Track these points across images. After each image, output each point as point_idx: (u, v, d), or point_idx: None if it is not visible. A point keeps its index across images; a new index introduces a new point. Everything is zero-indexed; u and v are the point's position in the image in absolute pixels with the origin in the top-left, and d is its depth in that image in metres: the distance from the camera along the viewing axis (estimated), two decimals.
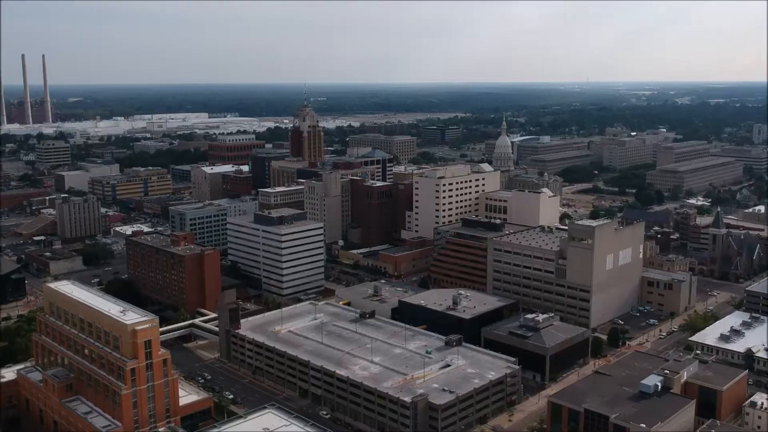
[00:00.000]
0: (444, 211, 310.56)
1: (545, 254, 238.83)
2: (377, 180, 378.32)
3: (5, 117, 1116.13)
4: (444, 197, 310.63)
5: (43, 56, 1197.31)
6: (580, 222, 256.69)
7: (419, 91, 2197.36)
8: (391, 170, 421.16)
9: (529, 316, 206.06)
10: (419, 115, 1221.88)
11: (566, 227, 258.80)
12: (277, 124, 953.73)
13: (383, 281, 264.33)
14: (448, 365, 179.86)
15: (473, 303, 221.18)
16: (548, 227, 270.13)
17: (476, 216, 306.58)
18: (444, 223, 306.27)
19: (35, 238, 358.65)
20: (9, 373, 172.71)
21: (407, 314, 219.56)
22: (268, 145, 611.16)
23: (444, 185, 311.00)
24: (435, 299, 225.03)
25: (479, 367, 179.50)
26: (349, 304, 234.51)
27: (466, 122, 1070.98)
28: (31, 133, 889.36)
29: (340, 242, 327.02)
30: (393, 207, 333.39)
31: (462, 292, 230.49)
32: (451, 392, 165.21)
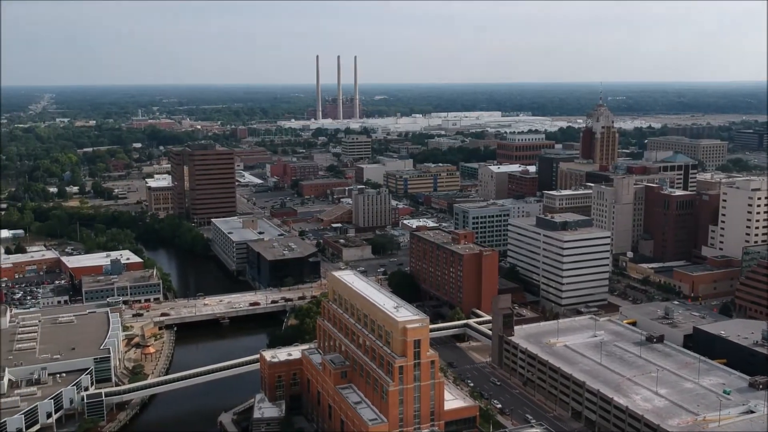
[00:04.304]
0: (757, 228, 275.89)
1: None
2: (677, 188, 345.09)
3: (320, 112, 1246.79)
4: (758, 212, 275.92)
5: (355, 57, 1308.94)
6: None
7: (734, 89, 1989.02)
8: (695, 178, 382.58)
9: None
10: (733, 117, 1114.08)
11: None
12: (570, 124, 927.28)
13: (676, 302, 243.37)
14: (751, 411, 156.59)
15: None
16: None
17: None
18: (756, 242, 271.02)
19: (333, 225, 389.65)
20: (295, 352, 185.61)
21: (703, 344, 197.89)
22: (558, 146, 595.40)
23: (759, 198, 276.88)
24: (739, 331, 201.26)
25: None
26: (634, 323, 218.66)
27: None
28: (340, 127, 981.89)
29: (629, 254, 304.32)
30: (694, 219, 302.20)
31: None
32: None
